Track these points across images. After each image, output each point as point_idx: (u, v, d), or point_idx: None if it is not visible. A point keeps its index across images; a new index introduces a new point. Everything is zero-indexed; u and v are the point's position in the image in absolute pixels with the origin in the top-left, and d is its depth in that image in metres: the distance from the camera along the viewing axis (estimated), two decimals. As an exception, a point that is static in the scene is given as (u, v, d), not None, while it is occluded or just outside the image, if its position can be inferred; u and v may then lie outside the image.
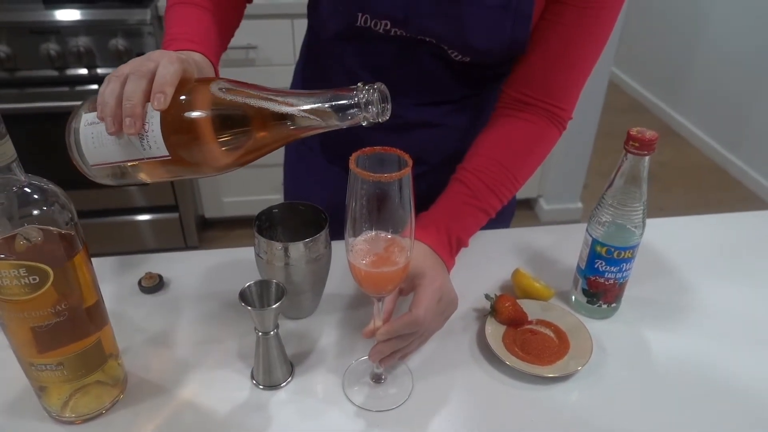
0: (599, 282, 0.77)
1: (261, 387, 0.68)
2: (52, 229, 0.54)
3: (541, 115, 0.80)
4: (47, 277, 0.54)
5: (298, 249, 0.70)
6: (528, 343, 0.74)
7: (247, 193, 2.32)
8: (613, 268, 0.75)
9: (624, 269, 0.76)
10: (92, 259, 0.60)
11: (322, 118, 0.54)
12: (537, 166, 0.82)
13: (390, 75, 0.82)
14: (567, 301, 0.83)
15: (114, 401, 0.65)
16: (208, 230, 2.47)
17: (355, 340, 0.75)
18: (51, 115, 1.84)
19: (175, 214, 2.20)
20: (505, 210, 0.85)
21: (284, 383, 0.69)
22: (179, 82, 0.55)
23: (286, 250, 0.70)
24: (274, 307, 0.63)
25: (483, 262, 0.89)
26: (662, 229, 0.97)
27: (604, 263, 0.75)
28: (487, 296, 0.79)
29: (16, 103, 1.85)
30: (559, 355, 0.72)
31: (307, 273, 0.72)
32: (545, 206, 2.62)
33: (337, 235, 0.67)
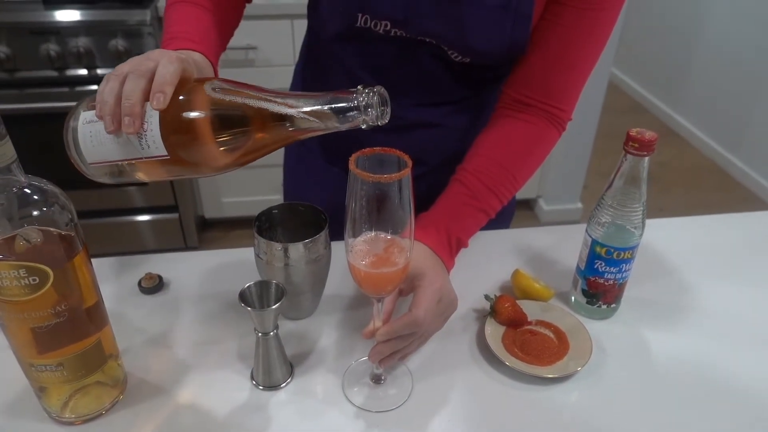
0: (599, 283, 0.77)
1: (261, 387, 0.68)
2: (52, 229, 0.54)
3: (541, 116, 0.80)
4: (47, 278, 0.54)
5: (298, 250, 0.70)
6: (527, 344, 0.74)
7: (246, 194, 2.32)
8: (612, 269, 0.75)
9: (623, 270, 0.76)
10: (92, 260, 0.60)
11: (321, 120, 0.54)
12: (537, 167, 0.82)
13: (390, 75, 0.82)
14: (566, 301, 0.83)
15: (114, 402, 0.65)
16: (207, 231, 2.47)
17: (355, 341, 0.75)
18: (51, 115, 1.84)
19: (175, 215, 2.20)
20: (505, 210, 0.85)
21: (284, 384, 0.69)
22: (179, 82, 0.55)
23: (286, 250, 0.70)
24: (274, 307, 0.63)
25: (483, 263, 0.89)
26: (662, 229, 0.97)
27: (603, 264, 0.75)
28: (487, 297, 0.79)
29: (15, 104, 1.85)
30: (559, 356, 0.72)
31: (306, 274, 0.72)
32: (545, 207, 2.62)
33: (337, 236, 0.67)
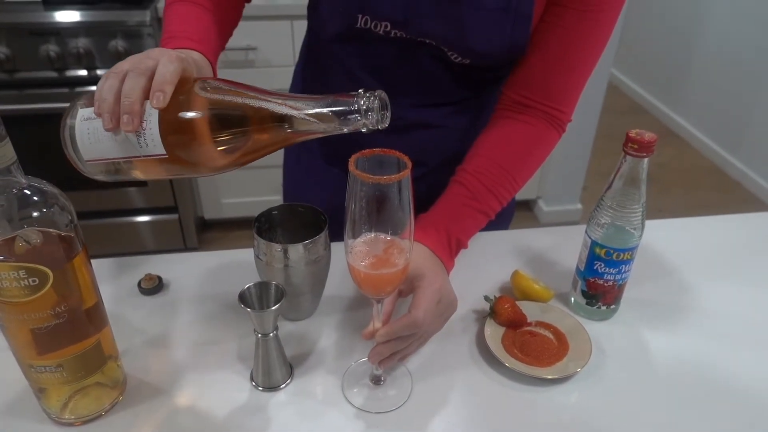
0: (598, 283, 0.77)
1: (260, 389, 0.68)
2: (52, 230, 0.54)
3: (541, 118, 0.80)
4: (47, 279, 0.54)
5: (298, 251, 0.70)
6: (527, 345, 0.74)
7: (246, 195, 2.32)
8: (612, 270, 0.75)
9: (623, 271, 0.76)
10: (92, 261, 0.60)
11: (321, 123, 0.54)
12: (536, 169, 0.82)
13: (390, 76, 0.82)
14: (566, 302, 0.83)
15: (113, 403, 0.65)
16: (207, 231, 2.47)
17: (355, 342, 0.75)
18: (51, 116, 1.83)
19: (175, 216, 2.20)
20: (505, 211, 0.85)
21: (283, 385, 0.69)
22: (178, 81, 0.55)
23: (286, 251, 0.70)
24: (274, 308, 0.63)
25: (482, 264, 0.89)
26: (661, 230, 0.97)
27: (603, 265, 0.75)
28: (487, 298, 0.79)
29: (15, 105, 1.85)
30: (558, 357, 0.72)
31: (306, 275, 0.72)
32: (544, 207, 2.62)
33: (337, 237, 0.67)
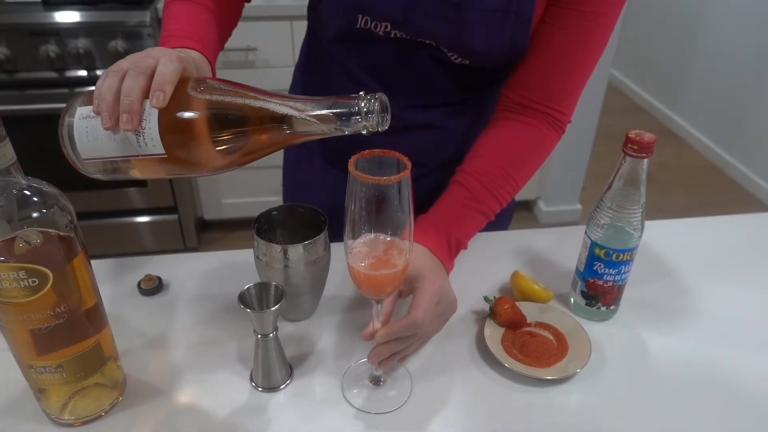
0: (598, 284, 0.77)
1: (260, 389, 0.68)
2: (52, 231, 0.54)
3: (541, 119, 0.80)
4: (47, 280, 0.54)
5: (297, 251, 0.70)
6: (527, 346, 0.74)
7: (246, 195, 2.32)
8: (611, 271, 0.75)
9: (623, 271, 0.76)
10: (91, 261, 0.60)
11: (321, 125, 0.54)
12: (536, 169, 0.82)
13: (390, 77, 0.82)
14: (566, 303, 0.83)
15: (113, 403, 0.65)
16: (207, 232, 2.47)
17: (354, 343, 0.75)
18: (50, 116, 1.80)
19: (174, 216, 2.20)
20: (504, 212, 0.85)
21: (283, 385, 0.69)
22: (178, 81, 0.55)
23: (285, 252, 0.70)
24: (273, 309, 0.63)
25: (482, 264, 0.89)
26: (661, 231, 0.98)
27: (602, 265, 0.75)
28: (486, 298, 0.79)
29: (15, 105, 1.85)
30: (558, 358, 0.72)
31: (306, 275, 0.73)
32: (544, 208, 2.62)
33: (337, 238, 0.67)
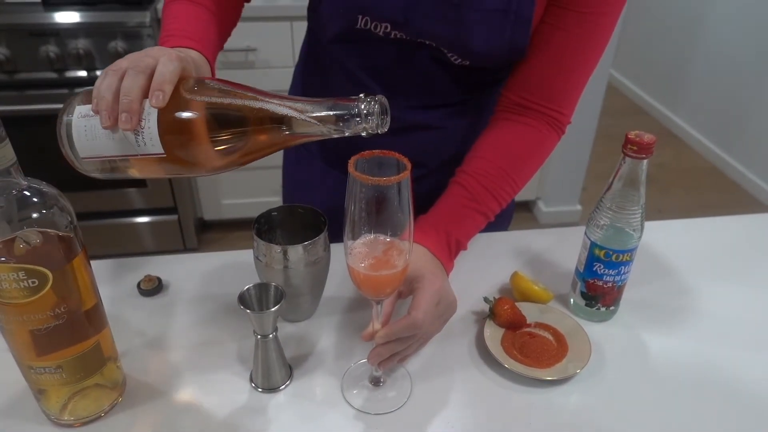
0: (598, 285, 0.77)
1: (260, 390, 0.68)
2: (51, 232, 0.54)
3: (541, 120, 0.80)
4: (46, 280, 0.54)
5: (297, 252, 0.70)
6: (527, 346, 0.74)
7: (246, 196, 2.32)
8: (611, 271, 0.75)
9: (622, 272, 0.76)
10: (91, 262, 0.60)
11: (320, 126, 0.54)
12: (536, 170, 0.82)
13: (389, 77, 0.82)
14: (566, 304, 0.83)
15: (113, 404, 0.65)
16: (207, 232, 2.47)
17: (354, 343, 0.75)
18: (50, 117, 1.80)
19: (174, 216, 2.20)
20: (504, 212, 0.85)
21: (283, 386, 0.69)
22: (177, 81, 0.55)
23: (285, 253, 0.70)
24: (273, 310, 0.63)
25: (482, 265, 0.89)
26: (661, 231, 0.98)
27: (602, 266, 0.75)
28: (486, 299, 0.79)
29: (15, 106, 1.85)
30: (558, 358, 0.72)
31: (305, 276, 0.72)
32: (544, 209, 2.63)
33: (336, 238, 0.67)
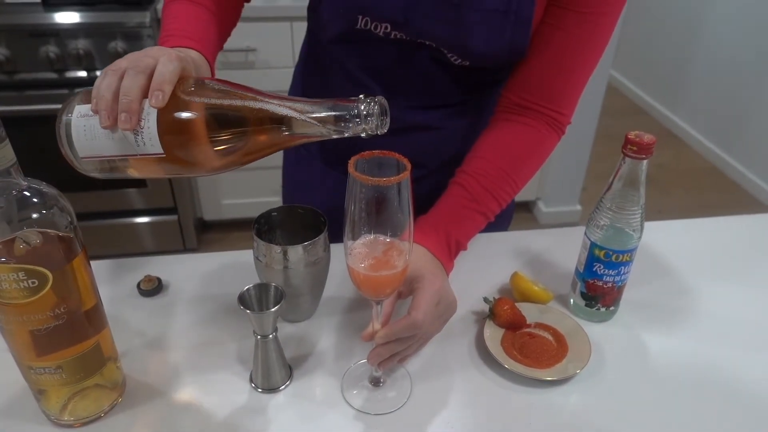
0: (598, 285, 0.77)
1: (259, 390, 0.68)
2: (51, 232, 0.54)
3: (541, 120, 0.80)
4: (46, 281, 0.54)
5: (297, 252, 0.70)
6: (526, 347, 0.74)
7: (246, 196, 2.32)
8: (611, 272, 0.75)
9: (622, 272, 0.76)
10: (91, 262, 0.60)
11: (320, 127, 0.53)
12: (536, 171, 0.82)
13: (389, 78, 0.82)
14: (565, 304, 0.83)
15: (113, 404, 0.65)
16: (206, 233, 2.47)
17: (354, 344, 0.75)
18: (50, 117, 1.80)
19: (174, 217, 2.20)
20: (504, 213, 0.85)
21: (283, 386, 0.69)
22: (177, 81, 0.55)
23: (285, 253, 0.70)
24: (273, 310, 0.63)
25: (481, 265, 0.89)
26: (660, 232, 0.98)
27: (602, 266, 0.75)
28: (486, 299, 0.79)
29: (15, 106, 1.85)
30: (558, 359, 0.72)
31: (305, 276, 0.73)
32: (544, 209, 2.63)
33: (336, 239, 0.67)
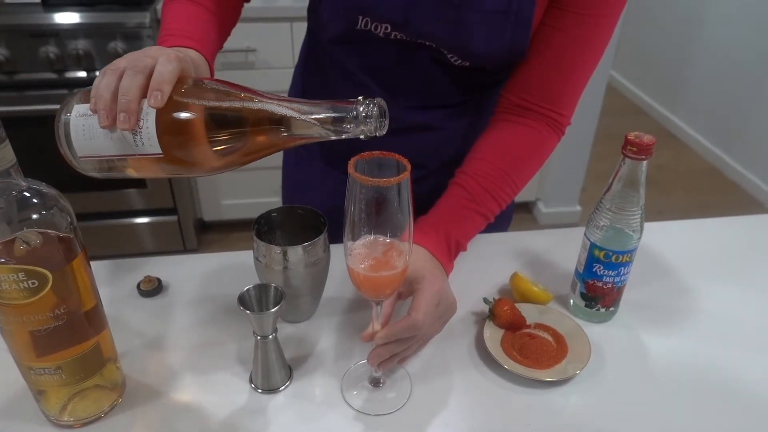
0: (597, 286, 0.77)
1: (259, 391, 0.68)
2: (51, 232, 0.54)
3: (541, 121, 0.80)
4: (46, 281, 0.54)
5: (297, 253, 0.70)
6: (526, 347, 0.74)
7: (246, 197, 2.32)
8: (611, 272, 0.75)
9: (622, 273, 0.76)
10: (91, 263, 0.60)
11: (319, 128, 0.53)
12: (536, 171, 0.82)
13: (389, 78, 0.82)
14: (565, 304, 0.83)
15: (113, 405, 0.65)
16: (206, 233, 2.47)
17: (354, 344, 0.75)
18: (50, 118, 1.80)
19: (174, 217, 2.20)
20: (504, 213, 0.85)
21: (283, 387, 0.69)
22: (176, 81, 0.55)
23: (285, 253, 0.70)
24: (273, 311, 0.63)
25: (481, 266, 0.89)
26: (660, 232, 0.98)
27: (602, 267, 0.75)
28: (486, 300, 0.79)
29: (15, 106, 1.85)
30: (558, 359, 0.72)
31: (305, 277, 0.73)
32: (544, 209, 2.63)
33: (336, 239, 0.67)
